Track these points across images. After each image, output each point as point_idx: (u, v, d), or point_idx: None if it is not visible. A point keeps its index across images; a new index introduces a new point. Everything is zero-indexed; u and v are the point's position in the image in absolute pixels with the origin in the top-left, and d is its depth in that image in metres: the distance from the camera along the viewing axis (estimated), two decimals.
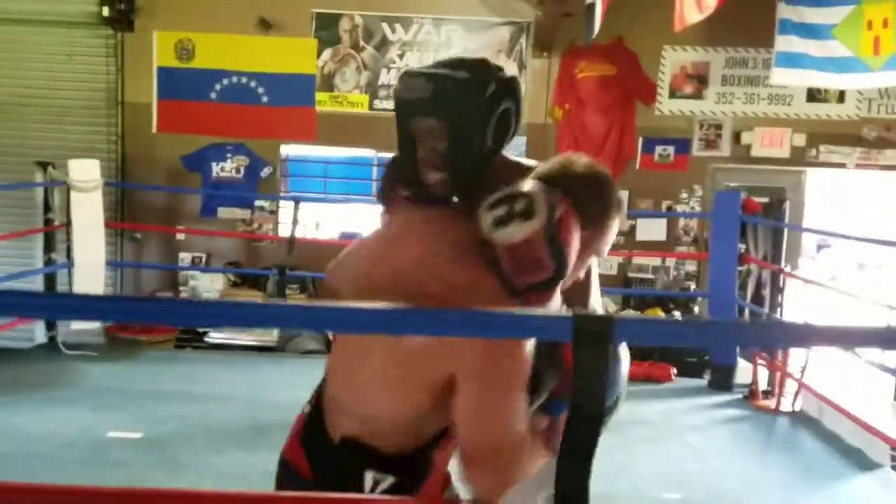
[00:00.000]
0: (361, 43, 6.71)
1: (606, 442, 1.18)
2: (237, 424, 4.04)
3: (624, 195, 6.68)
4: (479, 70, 1.54)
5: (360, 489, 1.48)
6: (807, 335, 1.18)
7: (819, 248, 13.72)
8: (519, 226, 1.37)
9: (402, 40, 6.70)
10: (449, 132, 1.53)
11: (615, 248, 6.08)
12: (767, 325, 1.38)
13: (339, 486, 1.50)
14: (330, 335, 6.47)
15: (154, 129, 6.70)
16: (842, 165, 6.66)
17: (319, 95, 6.69)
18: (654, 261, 6.69)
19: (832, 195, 12.08)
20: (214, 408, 4.28)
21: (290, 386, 4.75)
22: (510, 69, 1.60)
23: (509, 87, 1.57)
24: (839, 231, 6.99)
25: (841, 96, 6.50)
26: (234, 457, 3.58)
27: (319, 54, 6.70)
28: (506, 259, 1.39)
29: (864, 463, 3.93)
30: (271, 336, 6.41)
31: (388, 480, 1.49)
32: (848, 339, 1.19)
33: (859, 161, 6.59)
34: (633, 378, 5.21)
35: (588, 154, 1.92)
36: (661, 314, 6.28)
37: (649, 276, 6.72)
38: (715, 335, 1.26)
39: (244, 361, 5.52)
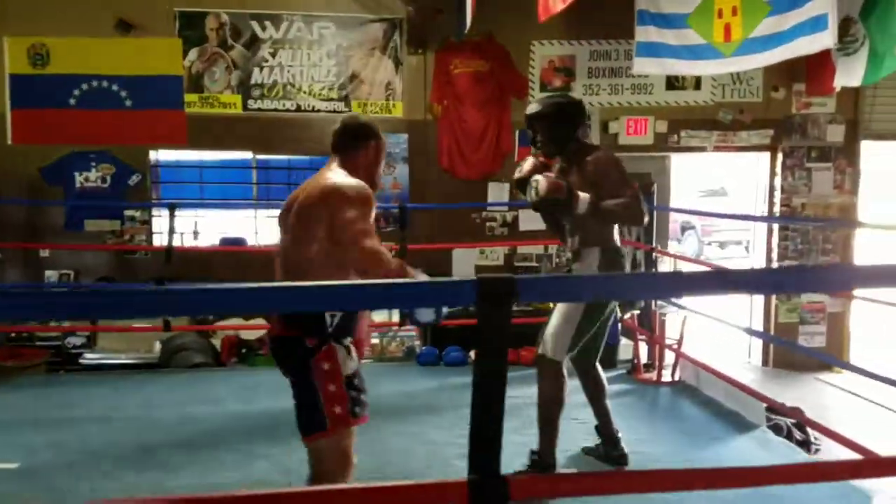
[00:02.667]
0: (230, 41, 6.52)
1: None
2: (122, 446, 3.83)
3: (505, 188, 6.85)
4: (562, 97, 3.65)
5: (324, 324, 2.35)
6: (701, 283, 1.26)
7: (683, 230, 14.57)
8: (537, 190, 3.27)
9: (273, 38, 6.56)
10: (550, 125, 3.37)
11: (500, 238, 6.21)
12: (663, 275, 1.45)
13: (311, 328, 2.35)
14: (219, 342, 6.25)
15: (9, 141, 6.23)
16: (702, 149, 7.09)
17: (188, 97, 6.44)
18: (538, 249, 6.89)
19: (696, 177, 12.86)
20: (95, 431, 4.05)
21: (176, 402, 4.58)
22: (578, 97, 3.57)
23: (575, 105, 3.44)
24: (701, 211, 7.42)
25: (697, 83, 6.92)
26: (122, 479, 3.39)
27: (185, 54, 6.46)
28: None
29: (741, 424, 4.20)
30: (153, 352, 6.13)
31: (339, 314, 2.37)
32: (729, 283, 1.28)
33: (717, 143, 7.04)
34: (524, 362, 5.36)
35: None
36: (550, 304, 6.45)
37: (534, 264, 6.92)
38: (612, 287, 1.32)
39: (125, 381, 5.24)
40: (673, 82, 6.89)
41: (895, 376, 3.23)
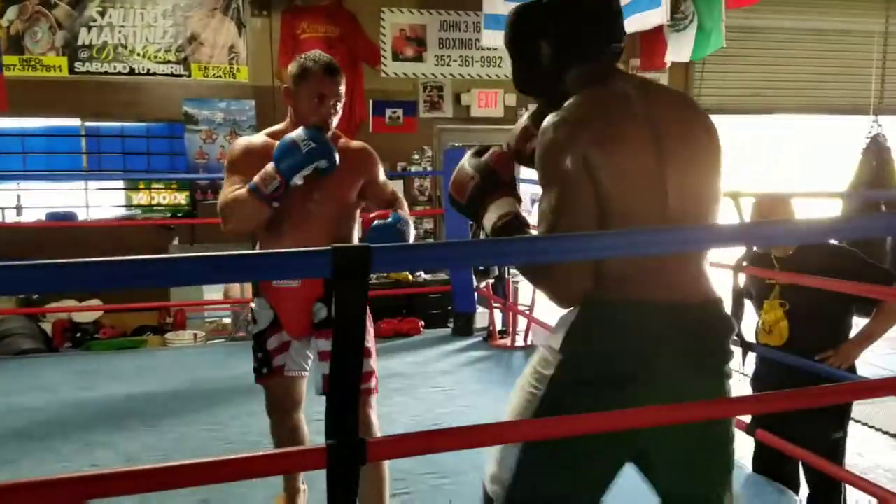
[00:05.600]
0: None
1: None
2: None
3: None
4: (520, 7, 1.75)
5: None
6: (568, 246, 1.27)
7: (533, 201, 15.12)
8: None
9: None
10: (513, 49, 1.81)
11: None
12: (527, 239, 1.44)
13: None
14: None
15: None
16: None
17: (7, 59, 5.82)
18: None
19: None
20: None
21: (3, 391, 4.17)
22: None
23: (560, 4, 1.68)
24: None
25: None
26: None
27: (3, 13, 5.83)
28: None
29: None
30: None
31: None
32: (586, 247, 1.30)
33: None
34: (384, 335, 5.34)
35: None
36: (409, 276, 6.45)
37: None
38: (469, 254, 1.31)
39: None
40: None
41: None
